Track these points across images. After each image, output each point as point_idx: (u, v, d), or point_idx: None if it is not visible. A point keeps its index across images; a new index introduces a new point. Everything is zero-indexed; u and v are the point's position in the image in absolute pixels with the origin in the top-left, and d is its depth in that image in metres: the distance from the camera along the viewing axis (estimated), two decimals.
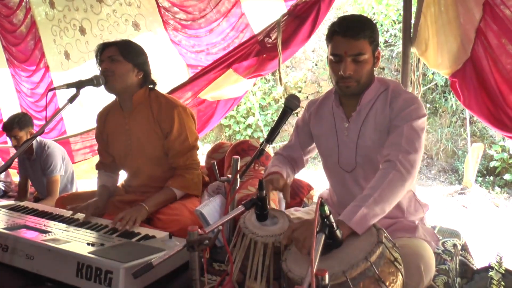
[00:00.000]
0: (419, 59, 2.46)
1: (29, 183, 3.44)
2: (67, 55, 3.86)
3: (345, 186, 1.60)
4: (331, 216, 1.10)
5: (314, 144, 1.75)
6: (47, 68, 4.06)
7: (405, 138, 1.38)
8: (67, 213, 1.94)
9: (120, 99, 2.07)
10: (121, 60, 1.93)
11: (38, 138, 3.08)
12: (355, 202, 1.29)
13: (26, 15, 3.95)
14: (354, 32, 1.41)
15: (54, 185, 3.16)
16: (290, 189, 1.54)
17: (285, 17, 2.66)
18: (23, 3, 3.93)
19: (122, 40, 2.03)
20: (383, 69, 6.93)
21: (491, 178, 5.58)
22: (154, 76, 2.12)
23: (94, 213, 1.92)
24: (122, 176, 2.34)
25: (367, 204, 1.25)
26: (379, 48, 1.51)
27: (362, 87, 1.50)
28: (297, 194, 2.23)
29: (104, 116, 2.18)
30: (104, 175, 2.21)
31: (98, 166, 2.24)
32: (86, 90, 1.83)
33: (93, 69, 2.05)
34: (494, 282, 1.61)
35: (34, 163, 3.20)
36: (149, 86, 2.08)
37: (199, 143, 2.15)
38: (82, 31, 3.64)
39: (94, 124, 2.25)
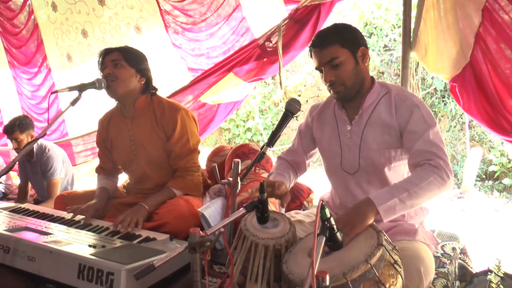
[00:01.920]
0: (418, 63, 2.48)
1: (29, 185, 3.44)
2: (69, 58, 3.87)
3: (348, 188, 1.61)
4: (331, 218, 1.11)
5: (316, 148, 1.77)
6: (49, 70, 4.06)
7: (435, 146, 1.39)
8: (68, 215, 1.94)
9: (122, 105, 2.07)
10: (124, 65, 1.94)
11: (39, 140, 3.08)
12: (390, 189, 1.32)
13: (29, 18, 3.96)
14: (320, 42, 1.50)
15: (54, 188, 3.16)
16: (291, 192, 1.54)
17: (286, 21, 2.67)
18: (25, 6, 3.95)
19: (125, 46, 2.04)
20: (383, 73, 6.95)
21: (490, 182, 5.58)
22: (155, 79, 2.12)
23: (94, 215, 1.93)
24: (122, 177, 2.34)
25: (401, 196, 1.29)
26: (362, 46, 1.51)
27: (352, 89, 1.51)
28: (297, 197, 2.24)
29: (107, 122, 2.17)
30: (104, 178, 2.21)
31: (98, 170, 2.24)
32: (89, 92, 1.84)
33: (95, 71, 2.05)
34: (493, 285, 1.61)
35: (35, 166, 3.20)
36: (151, 91, 2.09)
37: (199, 146, 2.16)
38: (84, 33, 3.65)
39: (95, 127, 2.25)
